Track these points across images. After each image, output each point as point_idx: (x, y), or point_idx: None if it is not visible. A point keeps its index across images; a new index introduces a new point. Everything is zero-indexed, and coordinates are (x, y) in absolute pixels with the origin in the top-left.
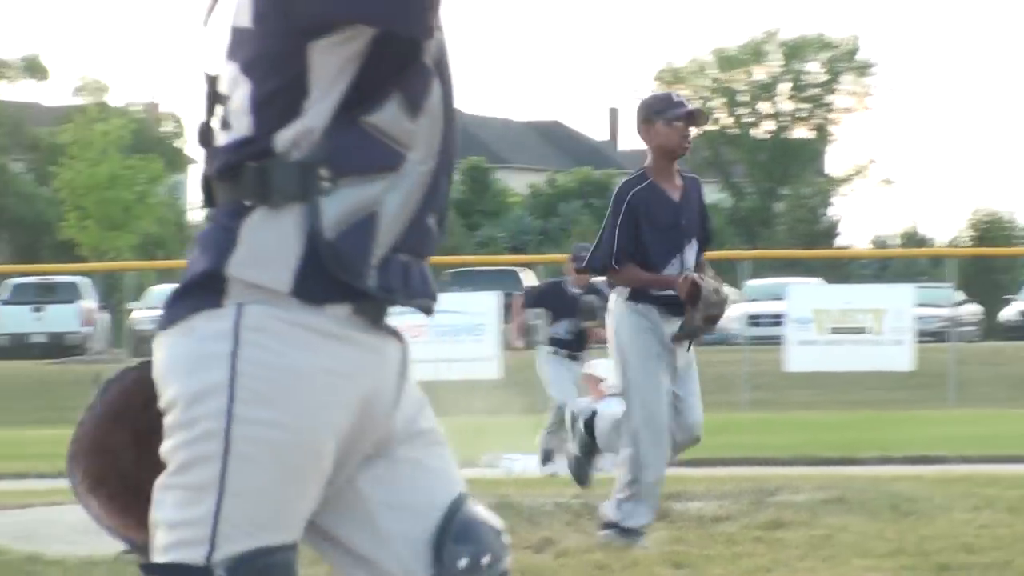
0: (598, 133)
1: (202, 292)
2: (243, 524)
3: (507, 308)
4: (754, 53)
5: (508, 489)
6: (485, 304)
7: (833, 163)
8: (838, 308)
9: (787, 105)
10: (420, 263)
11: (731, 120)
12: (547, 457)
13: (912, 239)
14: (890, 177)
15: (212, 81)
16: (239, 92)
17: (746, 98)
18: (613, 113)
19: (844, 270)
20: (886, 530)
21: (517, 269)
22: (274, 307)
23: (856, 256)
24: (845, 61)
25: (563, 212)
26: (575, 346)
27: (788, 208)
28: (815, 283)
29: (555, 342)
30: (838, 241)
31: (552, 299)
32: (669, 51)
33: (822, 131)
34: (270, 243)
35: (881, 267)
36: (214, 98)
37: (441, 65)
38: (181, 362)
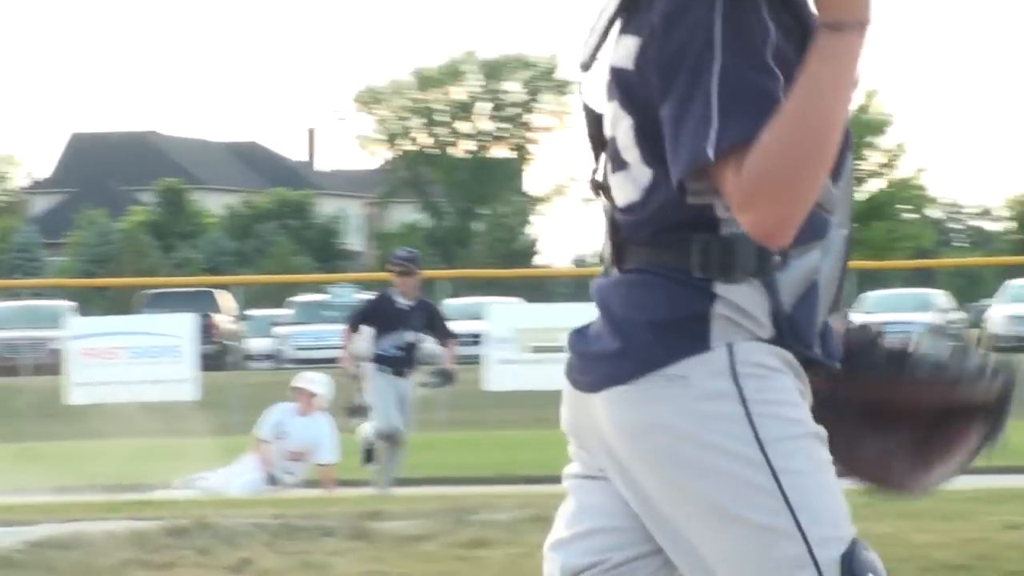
0: (296, 154)
1: (683, 338)
2: (826, 530)
3: (204, 329)
4: (453, 73)
5: (205, 510)
6: (181, 326)
7: (533, 182)
8: (540, 327)
9: (486, 124)
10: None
11: (430, 140)
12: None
13: None
14: (590, 196)
15: (596, 122)
16: (622, 127)
17: (445, 118)
18: (311, 134)
19: (544, 289)
20: None
21: (213, 290)
22: (757, 341)
23: (557, 275)
24: (544, 80)
25: (260, 233)
26: (404, 362)
27: (487, 227)
28: (515, 302)
29: (380, 359)
30: (538, 260)
31: (380, 314)
32: (368, 72)
33: (521, 150)
34: (746, 301)
35: (581, 286)
36: (600, 140)
37: (848, 131)
38: (685, 410)
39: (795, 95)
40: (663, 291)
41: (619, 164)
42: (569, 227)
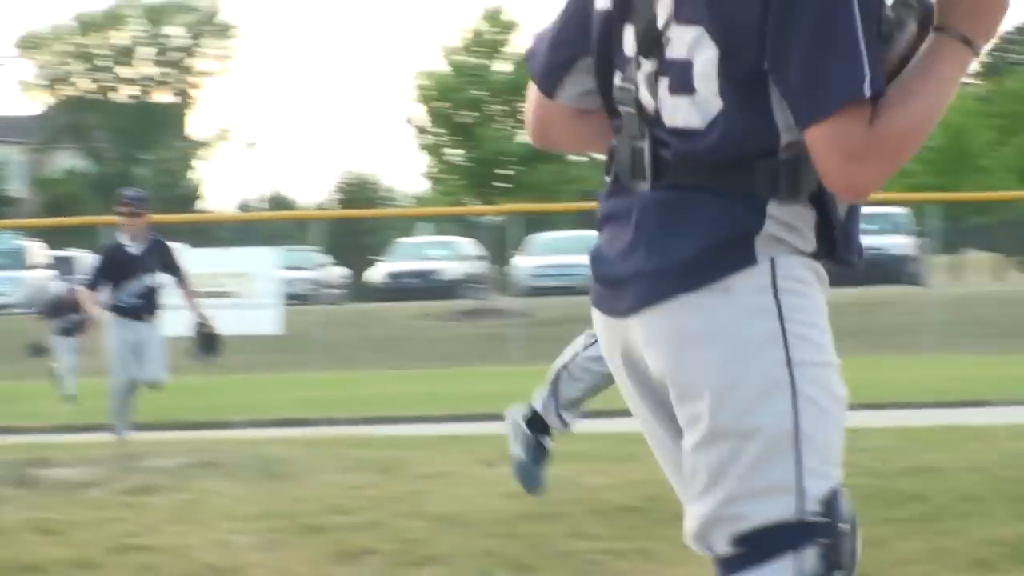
0: None
1: (733, 252)
2: (821, 465)
3: None
4: (115, 17)
5: None
6: None
7: (196, 127)
8: (203, 272)
9: (149, 69)
10: None
11: (92, 85)
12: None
13: (277, 203)
14: (254, 141)
15: (655, 36)
16: (703, 56)
17: (107, 63)
18: None
19: (208, 234)
20: (256, 493)
21: None
22: (797, 255)
23: (220, 220)
24: (206, 25)
25: None
26: (144, 309)
27: (150, 173)
28: (179, 247)
29: (120, 310)
30: (201, 205)
31: (113, 265)
32: (29, 16)
33: (184, 95)
34: (795, 217)
35: (246, 231)
36: (645, 53)
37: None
38: (728, 319)
39: (929, 87)
40: (712, 209)
41: (684, 88)
42: (233, 172)
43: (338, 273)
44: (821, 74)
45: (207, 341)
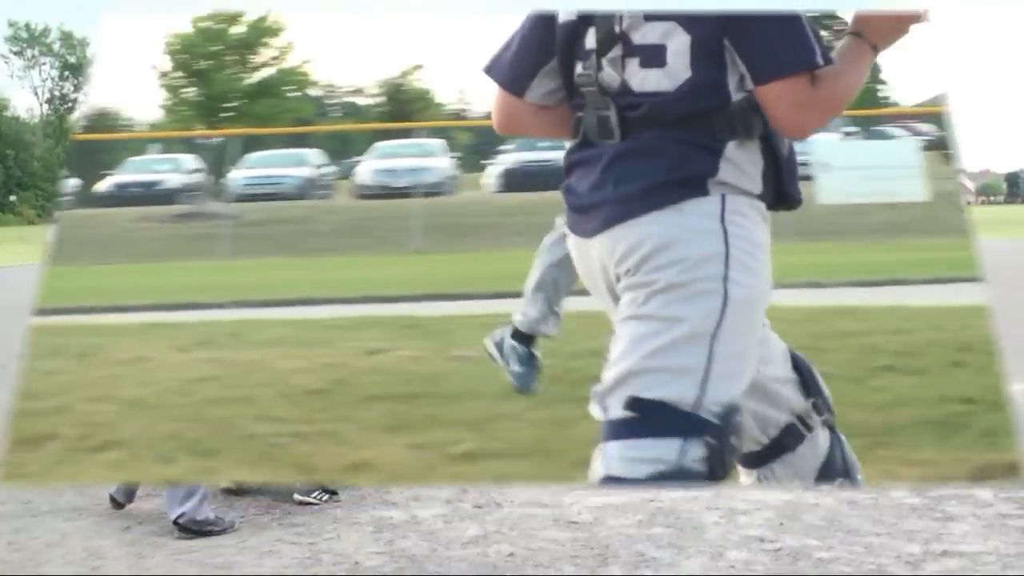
0: None
1: (690, 186)
2: (725, 374)
3: None
4: None
5: None
6: None
7: None
8: None
9: None
10: None
11: None
12: None
13: None
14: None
15: (617, 32)
16: (676, 40)
17: None
18: None
19: None
20: None
21: None
22: (746, 196)
23: None
24: None
25: None
26: None
27: None
28: None
29: None
30: None
31: None
32: None
33: None
34: (746, 161)
35: None
36: (612, 40)
37: None
38: (681, 233)
39: (850, 71)
40: (674, 155)
41: (656, 63)
42: None
43: (71, 184)
44: (782, 47)
45: None
